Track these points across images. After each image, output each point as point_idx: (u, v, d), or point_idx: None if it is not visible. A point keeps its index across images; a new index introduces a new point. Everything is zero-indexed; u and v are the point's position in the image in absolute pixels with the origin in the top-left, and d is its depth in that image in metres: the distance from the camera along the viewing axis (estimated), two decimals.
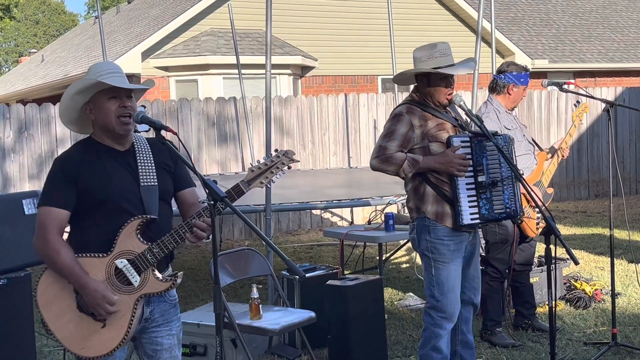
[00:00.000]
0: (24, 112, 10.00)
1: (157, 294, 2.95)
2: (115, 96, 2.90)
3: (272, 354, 5.18)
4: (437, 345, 4.09)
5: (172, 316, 3.10)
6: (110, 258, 2.88)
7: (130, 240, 2.88)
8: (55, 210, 2.87)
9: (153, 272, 2.92)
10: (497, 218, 4.06)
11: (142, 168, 2.97)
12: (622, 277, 7.10)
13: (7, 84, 22.35)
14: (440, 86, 4.02)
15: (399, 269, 8.10)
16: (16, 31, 41.50)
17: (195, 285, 7.46)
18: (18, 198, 5.05)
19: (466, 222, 3.97)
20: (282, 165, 2.92)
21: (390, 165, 3.97)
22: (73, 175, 2.87)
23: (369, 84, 14.95)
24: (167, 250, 2.90)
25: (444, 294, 4.06)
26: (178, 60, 13.26)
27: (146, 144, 3.05)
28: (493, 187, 4.00)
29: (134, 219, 2.89)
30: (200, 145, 10.94)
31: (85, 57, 16.76)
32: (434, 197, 4.03)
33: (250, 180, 2.92)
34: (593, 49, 17.87)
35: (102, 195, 2.88)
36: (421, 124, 4.02)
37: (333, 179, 9.25)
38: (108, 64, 2.97)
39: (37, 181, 9.98)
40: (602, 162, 13.56)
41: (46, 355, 5.39)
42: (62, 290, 2.90)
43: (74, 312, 2.90)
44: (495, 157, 4.01)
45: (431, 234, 4.05)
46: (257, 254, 5.13)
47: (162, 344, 3.07)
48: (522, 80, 5.24)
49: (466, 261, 4.21)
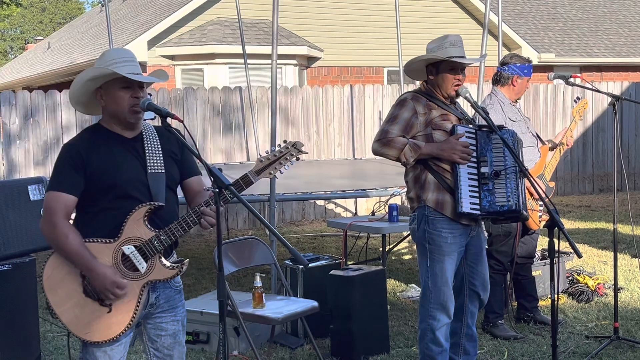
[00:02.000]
0: (30, 98, 10.02)
1: (163, 280, 2.96)
2: (128, 86, 2.91)
3: (275, 342, 5.20)
4: (435, 338, 4.09)
5: (177, 302, 3.11)
6: (117, 244, 2.89)
7: (137, 226, 2.90)
8: (63, 195, 2.88)
9: (160, 259, 2.94)
10: (498, 211, 3.96)
11: (150, 155, 2.99)
12: (625, 271, 7.11)
13: (13, 71, 22.38)
14: (449, 77, 4.02)
15: (401, 260, 8.11)
16: (22, 18, 41.50)
17: (198, 274, 7.48)
18: (23, 184, 5.07)
19: (465, 210, 3.92)
20: (291, 157, 2.94)
21: (391, 149, 3.96)
22: (81, 161, 2.89)
23: (375, 75, 14.93)
24: (174, 238, 2.92)
25: (438, 286, 4.06)
26: (184, 49, 13.26)
27: (154, 132, 3.06)
28: (495, 178, 3.96)
29: (142, 205, 2.90)
30: (205, 134, 10.95)
31: (91, 44, 16.76)
32: (435, 185, 4.02)
33: (259, 170, 2.94)
34: (600, 43, 17.81)
35: (110, 181, 2.89)
36: (425, 112, 4.03)
37: (337, 169, 9.26)
38: (122, 51, 2.97)
39: (43, 167, 10.01)
40: (607, 157, 13.53)
41: (50, 340, 5.42)
42: (68, 275, 2.92)
43: (80, 296, 2.91)
44: (500, 149, 4.00)
45: (430, 225, 4.03)
46: (261, 243, 5.14)
47: (166, 330, 3.09)
48: (525, 71, 5.25)
49: (474, 258, 4.21)
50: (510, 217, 4.10)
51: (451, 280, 4.10)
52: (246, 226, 11.01)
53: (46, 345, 5.27)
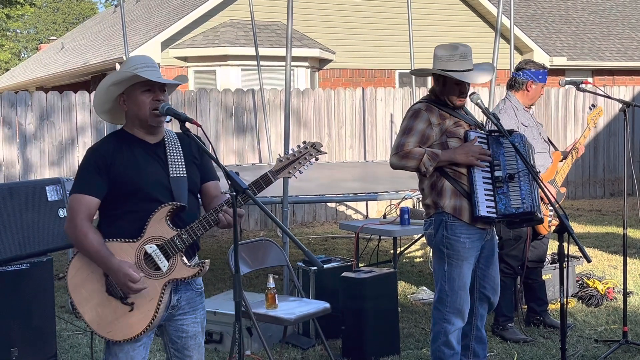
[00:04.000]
0: (46, 99, 10.13)
1: (184, 279, 3.02)
2: (150, 89, 2.99)
3: (287, 343, 5.27)
4: (447, 341, 4.14)
5: (198, 304, 3.18)
6: (140, 243, 2.96)
7: (160, 226, 2.96)
8: (86, 197, 2.96)
9: (181, 257, 2.99)
10: (514, 213, 4.02)
11: (172, 160, 3.06)
12: (634, 276, 7.13)
13: (27, 71, 22.54)
14: (455, 90, 4.07)
15: (412, 263, 8.16)
16: (36, 18, 41.74)
17: (211, 274, 7.56)
18: (41, 185, 5.16)
19: (482, 214, 3.98)
20: (310, 157, 2.99)
21: (410, 161, 4.00)
22: (104, 166, 2.96)
23: (387, 78, 14.98)
24: (195, 237, 2.97)
25: (455, 290, 4.11)
26: (197, 50, 13.35)
27: (175, 138, 3.13)
28: (510, 181, 4.01)
29: (164, 205, 2.97)
30: (218, 135, 11.04)
31: (104, 45, 16.88)
32: (452, 191, 4.07)
33: (278, 170, 3.00)
34: (612, 47, 17.79)
35: (133, 185, 2.97)
36: (439, 122, 4.07)
37: (349, 172, 9.31)
38: (144, 58, 3.06)
39: (58, 168, 10.12)
40: (618, 161, 13.53)
41: (65, 339, 5.50)
42: (91, 274, 3.00)
43: (103, 295, 2.99)
44: (512, 153, 4.04)
45: (448, 230, 4.08)
46: (274, 245, 5.21)
47: (187, 332, 3.16)
48: (540, 77, 5.29)
49: (486, 261, 4.25)
50: (525, 219, 4.14)
51: (468, 284, 4.15)
52: (258, 227, 11.08)
53: (62, 344, 5.36)
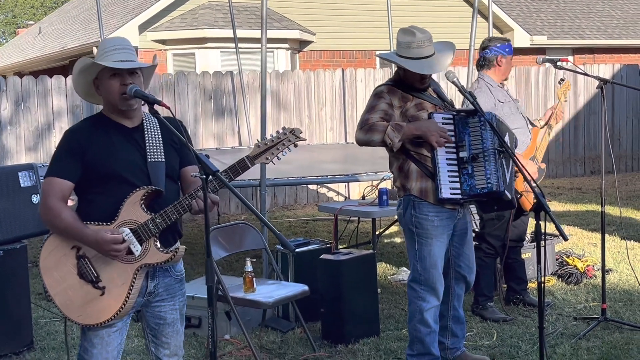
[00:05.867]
0: (21, 84, 10.00)
1: (158, 265, 2.97)
2: (118, 74, 2.93)
3: (266, 326, 5.24)
4: (423, 319, 4.17)
5: (177, 291, 3.14)
6: (113, 227, 2.92)
7: (134, 209, 2.92)
8: (58, 180, 2.93)
9: (155, 242, 2.95)
10: (478, 193, 4.00)
11: (150, 145, 3.01)
12: (614, 253, 7.16)
13: (4, 56, 22.25)
14: (415, 76, 4.09)
15: (393, 244, 8.16)
16: (14, 2, 41.21)
17: (191, 259, 7.51)
18: (14, 170, 5.09)
19: (445, 196, 4.00)
20: (289, 143, 2.96)
21: (375, 133, 4.01)
22: (79, 148, 2.93)
23: (367, 59, 14.91)
24: (169, 221, 2.92)
25: (426, 268, 4.14)
26: (175, 33, 13.21)
27: (155, 122, 3.08)
28: (474, 162, 3.99)
29: (139, 189, 2.93)
30: (197, 119, 10.95)
31: (82, 29, 16.68)
32: (418, 173, 4.09)
33: (256, 155, 2.96)
34: (592, 25, 17.80)
35: (108, 169, 2.93)
36: (401, 105, 4.10)
37: (329, 154, 9.28)
38: (115, 40, 3.01)
39: (34, 153, 10.01)
40: (599, 139, 13.57)
41: (42, 326, 5.45)
42: (64, 257, 2.96)
43: (75, 278, 2.95)
44: (477, 133, 4.01)
45: (416, 209, 4.12)
46: (252, 228, 5.17)
47: (165, 319, 3.12)
48: (507, 50, 5.33)
49: (459, 240, 4.27)
50: (494, 200, 4.13)
51: (440, 263, 4.17)
52: (239, 211, 11.03)
53: (39, 331, 5.30)
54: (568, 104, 13.28)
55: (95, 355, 3.00)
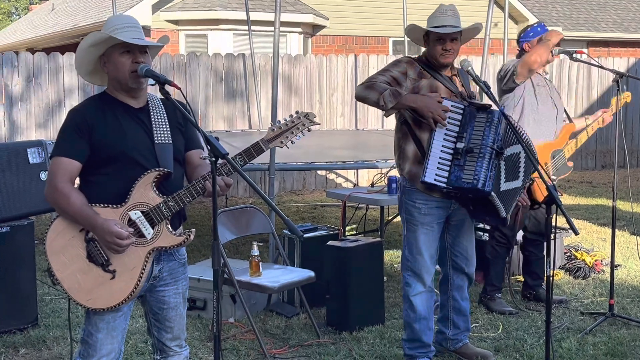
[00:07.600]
0: (32, 61, 9.97)
1: (169, 248, 2.92)
2: (129, 51, 2.87)
3: (271, 311, 5.23)
4: (412, 304, 4.19)
5: (180, 275, 3.09)
6: (124, 209, 2.86)
7: (146, 191, 2.86)
8: (66, 160, 2.85)
9: (167, 225, 2.89)
10: (462, 187, 3.89)
11: (157, 126, 2.96)
12: (623, 249, 7.11)
13: (17, 32, 22.24)
14: (436, 47, 4.06)
15: (400, 232, 8.08)
16: None
17: (197, 241, 7.50)
18: (23, 147, 5.07)
19: (427, 180, 3.91)
20: (303, 127, 2.93)
21: (372, 92, 3.96)
22: (86, 128, 2.86)
23: (380, 45, 14.82)
24: (182, 204, 2.88)
25: (413, 255, 4.17)
26: (188, 14, 13.15)
27: (160, 103, 3.03)
28: (467, 155, 3.89)
29: (151, 171, 2.87)
30: (207, 100, 10.91)
31: (95, 7, 16.63)
32: (413, 155, 4.06)
33: (270, 139, 2.93)
34: (608, 18, 17.64)
35: (116, 149, 2.86)
36: (415, 79, 4.07)
37: (339, 140, 9.23)
38: (125, 18, 2.94)
39: (44, 130, 10.00)
40: (611, 133, 13.46)
41: (47, 303, 5.45)
42: (72, 239, 2.88)
43: (83, 261, 2.87)
44: (480, 128, 3.90)
45: (406, 195, 4.15)
46: (259, 212, 5.15)
47: (168, 303, 3.07)
48: (539, 30, 5.26)
49: (455, 230, 4.25)
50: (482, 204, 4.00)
51: (426, 251, 4.14)
52: (247, 194, 11.02)
53: (44, 308, 5.30)
54: (581, 97, 13.18)
55: (100, 339, 2.94)
